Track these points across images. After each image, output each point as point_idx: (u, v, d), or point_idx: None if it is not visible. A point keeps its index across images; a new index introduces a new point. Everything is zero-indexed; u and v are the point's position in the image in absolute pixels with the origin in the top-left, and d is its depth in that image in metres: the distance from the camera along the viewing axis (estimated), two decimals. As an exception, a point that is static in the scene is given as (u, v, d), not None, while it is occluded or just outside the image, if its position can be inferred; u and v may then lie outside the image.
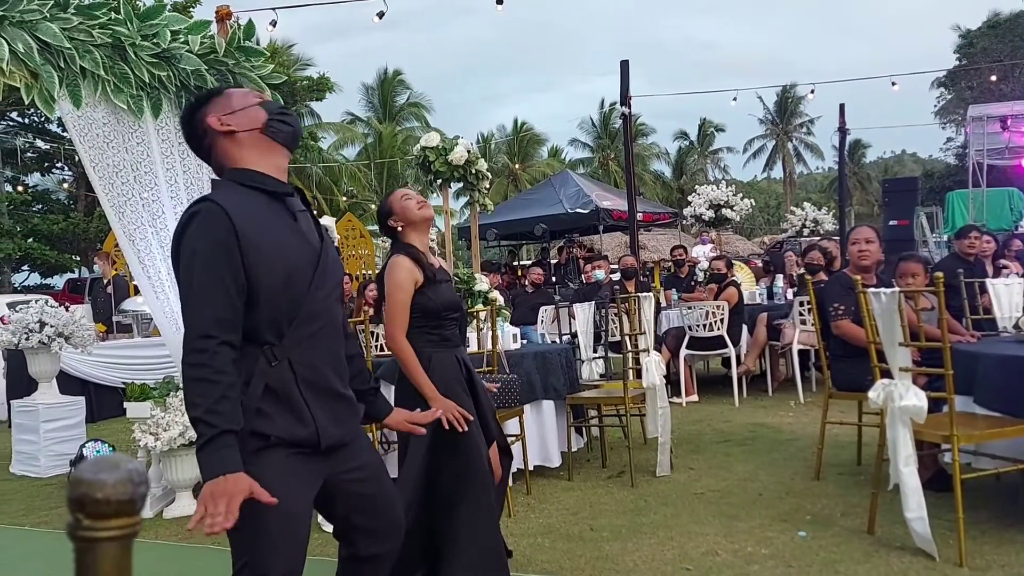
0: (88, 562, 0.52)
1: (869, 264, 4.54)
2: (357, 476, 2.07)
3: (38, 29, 4.24)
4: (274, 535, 1.88)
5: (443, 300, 3.02)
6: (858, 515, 3.82)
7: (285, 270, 1.90)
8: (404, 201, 3.09)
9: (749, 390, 7.65)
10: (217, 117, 1.99)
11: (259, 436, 1.88)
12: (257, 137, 2.00)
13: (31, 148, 24.68)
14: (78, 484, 0.54)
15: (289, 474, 1.91)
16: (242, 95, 2.05)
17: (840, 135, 18.39)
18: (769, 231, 38.16)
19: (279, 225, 1.94)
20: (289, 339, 1.92)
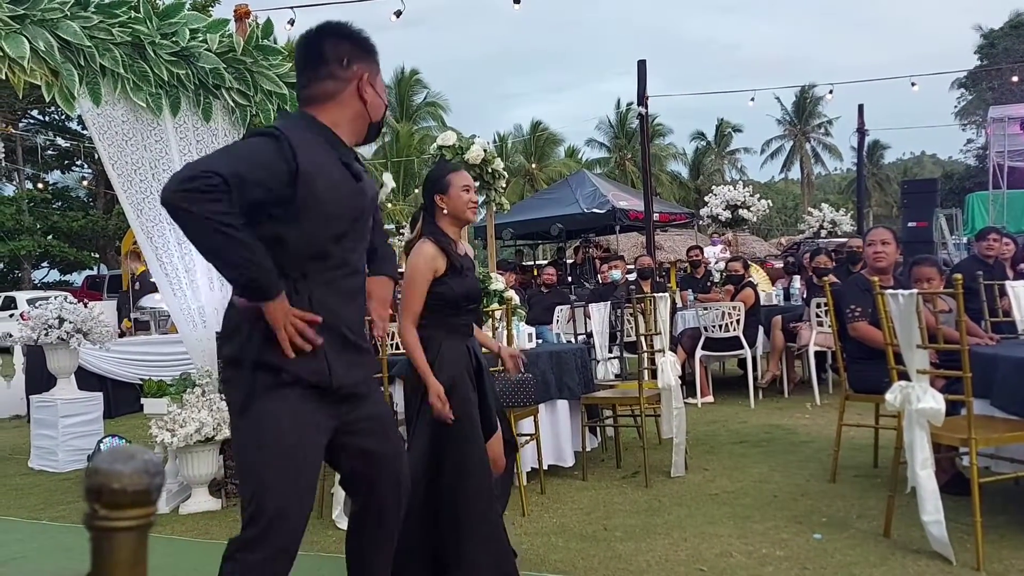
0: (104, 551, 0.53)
1: (885, 265, 4.50)
2: (366, 427, 2.12)
3: (59, 27, 4.28)
4: (283, 470, 1.92)
5: (464, 290, 3.01)
6: (874, 518, 3.80)
7: (327, 212, 1.98)
8: (463, 192, 3.04)
9: (765, 392, 7.61)
10: (367, 78, 2.11)
11: (271, 369, 1.93)
12: (364, 119, 2.13)
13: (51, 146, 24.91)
14: (94, 474, 0.55)
15: (299, 416, 1.96)
16: (382, 84, 2.17)
17: (859, 136, 18.28)
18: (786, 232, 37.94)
19: (336, 173, 2.03)
20: (313, 278, 1.99)
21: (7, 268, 27.32)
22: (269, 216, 1.93)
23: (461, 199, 3.04)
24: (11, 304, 18.87)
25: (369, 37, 2.18)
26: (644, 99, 13.16)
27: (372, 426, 2.14)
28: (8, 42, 4.07)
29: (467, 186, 3.07)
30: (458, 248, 3.06)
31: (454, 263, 2.98)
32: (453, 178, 3.06)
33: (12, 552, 4.09)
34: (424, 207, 3.13)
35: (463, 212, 3.05)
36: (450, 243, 3.02)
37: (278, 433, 1.92)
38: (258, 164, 1.88)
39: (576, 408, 5.18)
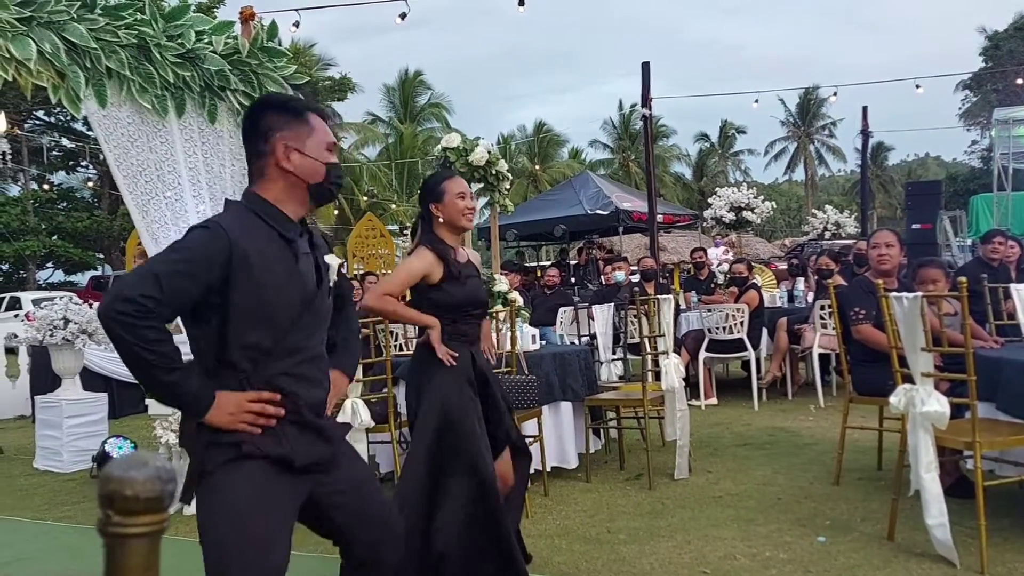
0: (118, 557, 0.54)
1: (889, 268, 4.50)
2: (341, 490, 2.08)
3: (65, 29, 4.29)
4: (250, 551, 1.86)
5: (464, 296, 3.01)
6: (878, 521, 3.79)
7: (271, 305, 1.94)
8: (458, 200, 3.03)
9: (769, 394, 7.60)
10: (285, 147, 2.02)
11: (232, 445, 1.89)
12: (302, 188, 2.05)
13: (56, 147, 24.97)
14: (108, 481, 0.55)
15: (259, 487, 1.90)
16: (317, 144, 2.05)
17: (863, 138, 18.25)
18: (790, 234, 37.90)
19: (278, 262, 1.97)
20: (262, 370, 1.94)
21: (12, 269, 27.38)
22: (214, 308, 1.90)
23: (456, 206, 3.03)
24: (16, 304, 18.90)
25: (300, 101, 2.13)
26: (648, 101, 13.18)
27: (347, 489, 2.09)
28: (15, 44, 4.09)
29: (462, 193, 3.06)
30: (458, 255, 3.06)
31: (451, 271, 2.98)
32: (448, 185, 3.05)
33: (17, 553, 4.10)
34: (421, 216, 3.13)
35: (459, 219, 3.04)
36: (448, 250, 3.01)
37: (238, 509, 1.86)
38: (194, 261, 1.87)
39: (579, 410, 5.18)
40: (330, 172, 2.07)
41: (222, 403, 1.89)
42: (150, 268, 1.88)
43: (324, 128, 2.09)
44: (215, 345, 1.92)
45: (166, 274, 1.84)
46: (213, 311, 1.91)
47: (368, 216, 16.18)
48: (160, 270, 1.86)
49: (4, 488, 5.65)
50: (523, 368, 4.81)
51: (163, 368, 1.83)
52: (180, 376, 1.86)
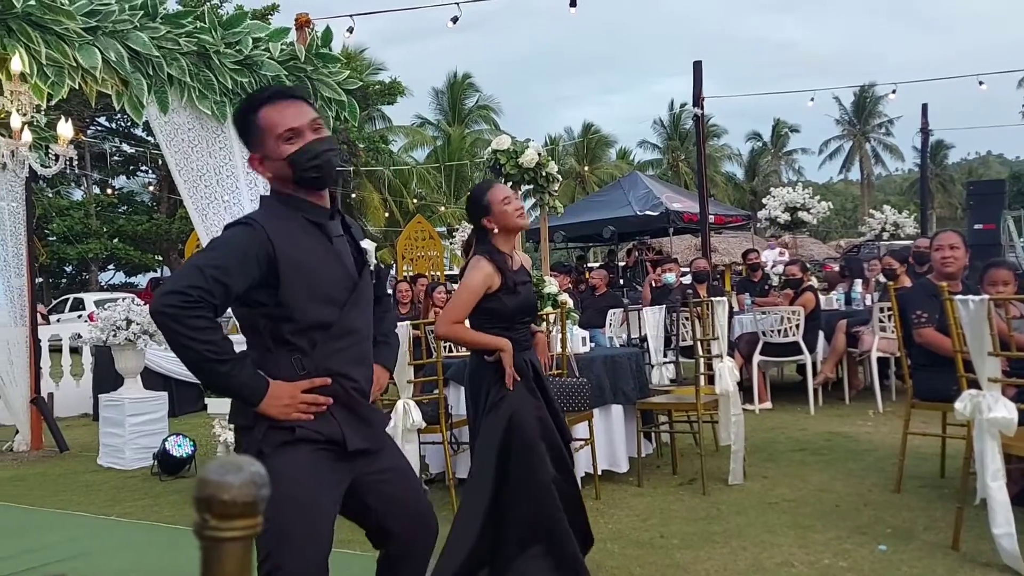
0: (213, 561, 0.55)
1: (954, 270, 4.38)
2: (383, 478, 2.13)
3: (129, 38, 4.42)
4: (293, 528, 1.92)
5: (516, 305, 3.03)
6: (941, 530, 3.69)
7: (319, 288, 2.00)
8: (504, 206, 3.05)
9: (826, 398, 7.46)
10: (259, 160, 2.08)
11: (285, 429, 1.96)
12: (287, 179, 2.07)
13: (118, 152, 25.66)
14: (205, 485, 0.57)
15: (313, 470, 1.97)
16: (273, 141, 2.04)
17: (923, 136, 17.79)
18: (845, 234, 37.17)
19: (315, 246, 2.04)
20: (320, 351, 2.01)
21: (75, 270, 28.24)
22: (262, 302, 1.97)
23: (506, 213, 3.05)
24: (80, 305, 19.47)
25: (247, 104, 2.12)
26: (700, 100, 13.03)
27: (389, 477, 2.15)
28: (82, 53, 4.22)
29: (507, 198, 3.08)
30: (513, 263, 3.08)
31: (507, 281, 3.00)
32: (492, 196, 3.08)
33: (83, 547, 4.22)
34: (475, 231, 3.16)
35: (512, 222, 3.07)
36: (505, 259, 3.04)
37: (294, 491, 1.91)
38: (234, 255, 1.94)
39: (631, 413, 5.15)
40: (295, 163, 2.02)
41: (276, 392, 1.95)
42: (193, 262, 1.97)
43: (277, 116, 2.04)
44: (270, 328, 1.99)
45: (208, 266, 1.91)
46: (264, 297, 1.97)
47: (417, 218, 16.32)
48: (203, 263, 1.94)
49: (69, 484, 5.82)
50: (574, 371, 4.80)
51: (214, 358, 1.89)
52: (232, 366, 1.91)
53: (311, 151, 2.03)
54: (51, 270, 27.06)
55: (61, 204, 25.73)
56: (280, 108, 2.05)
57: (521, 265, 3.16)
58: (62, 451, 7.00)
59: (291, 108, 2.05)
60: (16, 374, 7.03)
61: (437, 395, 4.58)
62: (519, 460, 2.90)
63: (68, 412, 8.91)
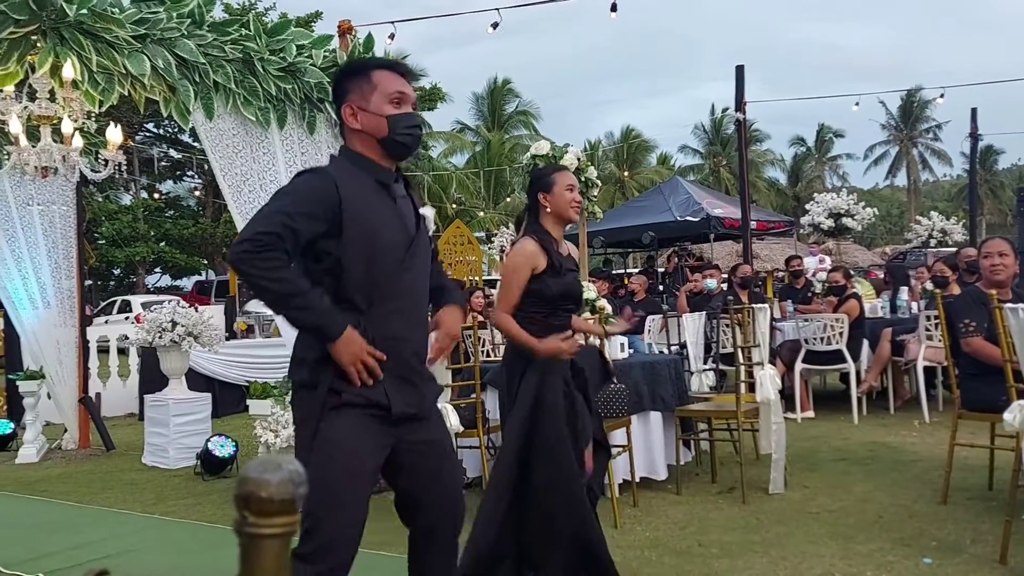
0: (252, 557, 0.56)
1: (1004, 279, 4.27)
2: (423, 449, 2.18)
3: (176, 46, 4.51)
4: (337, 488, 2.01)
5: (561, 289, 3.01)
6: (989, 543, 3.60)
7: (379, 244, 2.08)
8: (567, 192, 3.07)
9: (870, 407, 7.33)
10: (351, 107, 2.15)
11: (335, 393, 2.03)
12: (371, 140, 2.16)
13: (165, 157, 26.21)
14: (244, 483, 0.58)
15: (359, 433, 2.05)
16: (380, 96, 2.15)
17: (972, 141, 17.40)
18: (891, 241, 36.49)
19: (380, 204, 2.12)
20: (375, 311, 2.07)
21: (123, 273, 28.87)
22: (327, 252, 2.05)
23: (564, 198, 3.06)
24: (127, 307, 19.88)
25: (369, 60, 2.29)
26: (742, 105, 12.90)
27: (429, 449, 2.20)
28: (131, 60, 4.32)
29: (571, 185, 3.09)
30: (560, 248, 3.07)
31: (553, 262, 2.99)
32: (558, 177, 3.09)
33: (127, 544, 4.30)
34: (528, 207, 3.16)
35: (566, 211, 3.07)
36: (552, 242, 3.03)
37: (340, 454, 2.01)
38: (307, 200, 2.04)
39: (670, 420, 5.11)
40: (393, 124, 2.14)
41: (351, 336, 2.02)
42: (262, 211, 2.07)
43: (390, 80, 2.17)
44: (332, 284, 2.06)
45: (276, 212, 2.02)
46: (328, 250, 2.04)
47: (456, 223, 16.39)
48: (271, 210, 2.04)
49: (115, 482, 5.95)
50: (612, 377, 4.78)
51: (289, 292, 1.99)
52: (308, 299, 2.00)
53: (411, 119, 2.18)
54: (100, 273, 27.70)
55: (110, 208, 26.34)
56: (394, 75, 2.19)
57: (569, 254, 3.14)
58: (108, 450, 7.16)
59: (403, 80, 2.20)
60: (65, 374, 7.20)
61: (474, 399, 4.59)
62: (544, 451, 2.89)
63: (114, 412, 9.10)
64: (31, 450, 6.91)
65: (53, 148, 4.90)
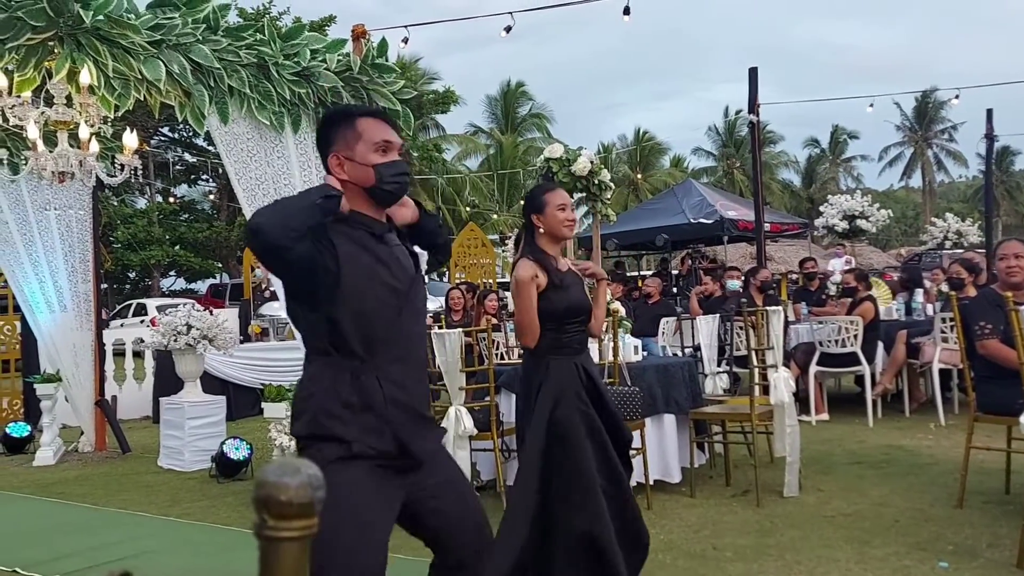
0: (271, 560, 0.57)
1: (1020, 280, 4.24)
2: (436, 493, 2.15)
3: (191, 51, 4.55)
4: (353, 545, 1.94)
5: (566, 304, 3.02)
6: (1006, 547, 3.57)
7: (376, 296, 2.05)
8: (558, 211, 3.09)
9: (885, 410, 7.28)
10: (337, 158, 2.13)
11: (340, 442, 1.98)
12: (357, 191, 2.13)
13: (180, 161, 26.38)
14: (263, 486, 0.59)
15: (368, 487, 1.99)
16: (365, 147, 2.12)
17: (987, 142, 17.27)
18: (906, 243, 36.26)
19: (372, 252, 2.09)
20: (380, 357, 2.04)
21: (139, 276, 29.06)
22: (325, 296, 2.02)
23: (556, 218, 3.09)
24: (142, 311, 20.00)
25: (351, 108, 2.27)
26: (755, 107, 12.86)
27: (443, 490, 2.17)
28: (147, 66, 4.36)
29: (563, 205, 3.12)
30: (559, 264, 3.09)
31: (553, 279, 3.01)
32: (549, 198, 3.11)
33: (143, 546, 4.33)
34: (524, 226, 3.19)
35: (559, 230, 3.11)
36: (549, 260, 3.05)
37: (349, 508, 1.95)
38: None
39: (684, 423, 5.10)
40: (380, 173, 2.11)
41: None
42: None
43: (375, 128, 2.15)
44: (329, 332, 2.03)
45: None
46: (323, 299, 2.02)
47: (470, 226, 16.41)
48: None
49: (131, 484, 5.99)
50: (625, 379, 4.77)
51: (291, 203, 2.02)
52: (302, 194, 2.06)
53: (398, 168, 2.15)
54: (115, 276, 27.88)
55: (125, 212, 26.53)
56: (379, 123, 2.17)
57: (569, 268, 3.16)
58: (124, 452, 7.21)
59: (388, 128, 2.18)
60: (82, 377, 7.26)
61: (488, 402, 4.60)
62: (564, 460, 2.90)
63: (130, 415, 9.17)
64: (48, 453, 6.97)
65: (70, 153, 4.94)
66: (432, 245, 2.37)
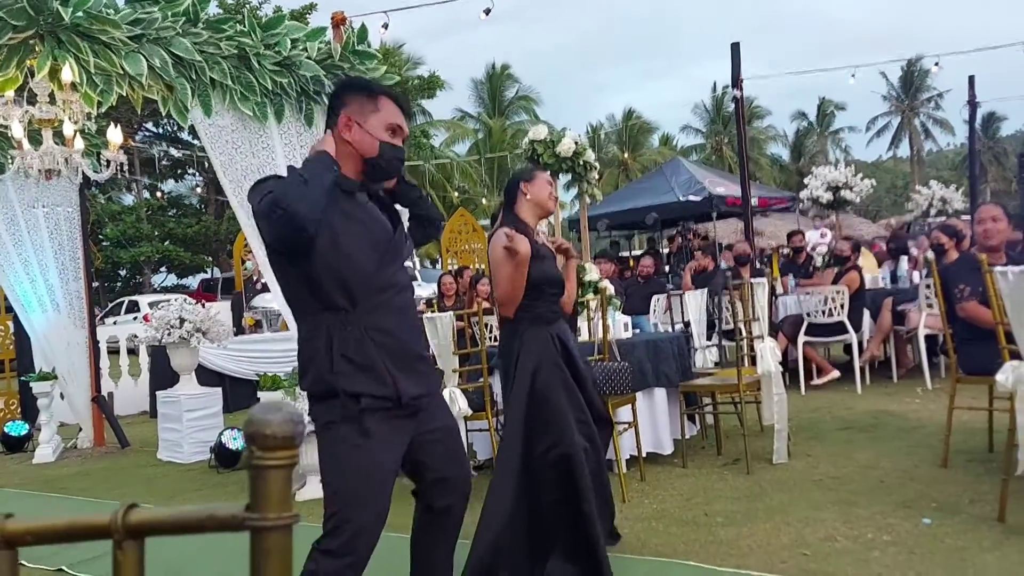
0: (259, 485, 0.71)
1: (996, 243, 4.32)
2: (439, 436, 2.32)
3: (172, 44, 4.57)
4: (364, 490, 2.13)
5: (542, 275, 3.10)
6: (988, 503, 3.67)
7: (352, 246, 2.15)
8: (547, 186, 3.23)
9: (873, 377, 7.40)
10: (348, 118, 2.22)
11: (351, 396, 2.11)
12: (357, 159, 2.24)
13: (165, 156, 26.29)
14: (251, 423, 0.71)
15: (383, 436, 2.15)
16: (379, 120, 2.23)
17: (970, 108, 17.33)
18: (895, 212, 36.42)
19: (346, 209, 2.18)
20: (362, 307, 2.15)
21: (129, 274, 29.04)
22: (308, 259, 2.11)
23: (544, 192, 3.22)
24: (135, 308, 20.02)
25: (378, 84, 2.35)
26: (739, 82, 12.90)
27: (444, 434, 2.34)
28: (128, 61, 4.38)
29: (550, 182, 3.28)
30: (536, 237, 3.17)
31: (533, 249, 3.07)
32: (539, 173, 3.27)
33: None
34: (504, 203, 3.27)
35: (546, 203, 3.22)
36: (527, 229, 3.13)
37: (360, 456, 2.12)
38: None
39: (674, 396, 5.18)
40: (384, 150, 2.22)
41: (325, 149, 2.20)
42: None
43: (393, 111, 2.26)
44: (313, 288, 2.13)
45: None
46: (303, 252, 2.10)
47: (460, 211, 16.44)
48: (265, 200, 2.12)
49: (132, 478, 6.06)
50: (615, 355, 4.85)
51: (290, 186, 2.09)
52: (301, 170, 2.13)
53: (399, 152, 2.28)
54: (106, 274, 27.85)
55: (113, 209, 26.48)
56: (399, 109, 2.28)
57: (544, 243, 3.24)
58: (123, 447, 7.27)
59: (403, 116, 2.29)
60: (77, 374, 7.31)
61: (482, 383, 4.67)
62: (546, 422, 2.99)
63: (128, 410, 9.24)
64: (47, 450, 7.03)
65: (55, 151, 4.97)
66: (415, 215, 2.46)
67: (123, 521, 0.77)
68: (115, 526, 0.78)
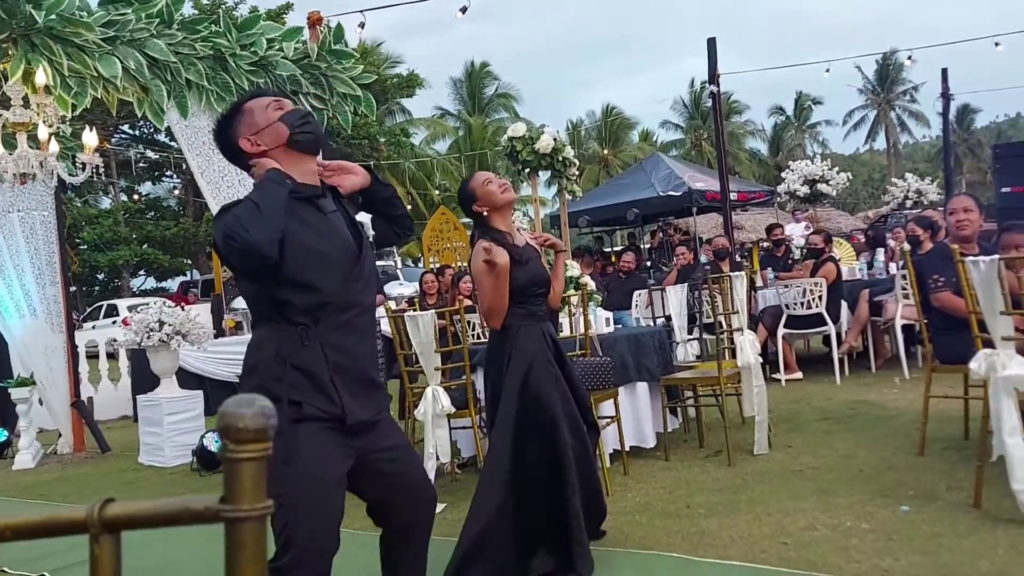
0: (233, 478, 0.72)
1: (969, 234, 4.38)
2: (386, 456, 2.25)
3: (147, 46, 4.55)
4: (305, 501, 2.05)
5: (528, 277, 3.12)
6: (964, 489, 3.73)
7: (317, 263, 2.10)
8: (487, 186, 3.19)
9: (851, 368, 7.47)
10: (247, 139, 2.19)
11: (294, 404, 2.07)
12: (284, 150, 2.19)
13: (142, 158, 26.08)
14: (224, 416, 0.73)
15: (321, 446, 2.08)
16: (263, 110, 2.20)
17: (943, 101, 17.55)
18: (873, 205, 36.74)
19: (313, 222, 2.14)
20: (324, 324, 2.11)
21: (107, 277, 28.78)
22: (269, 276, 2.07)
23: (490, 192, 3.18)
24: (113, 311, 19.86)
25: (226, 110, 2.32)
26: (716, 77, 12.98)
27: (390, 455, 2.26)
28: (102, 63, 4.36)
29: (487, 180, 3.23)
30: (515, 240, 3.18)
31: (513, 256, 3.09)
32: (473, 183, 3.24)
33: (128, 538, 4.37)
34: (473, 223, 3.28)
35: (499, 199, 3.18)
36: (503, 236, 3.13)
37: (305, 466, 2.05)
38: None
39: (656, 390, 5.22)
40: (286, 121, 2.19)
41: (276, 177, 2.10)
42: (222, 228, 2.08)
43: (260, 100, 2.23)
44: (275, 302, 2.09)
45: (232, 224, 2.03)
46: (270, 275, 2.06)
47: (441, 210, 16.44)
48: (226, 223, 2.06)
49: (113, 482, 6.01)
50: (597, 350, 4.87)
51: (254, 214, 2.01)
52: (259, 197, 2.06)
53: (299, 111, 2.26)
54: (84, 278, 27.60)
55: (90, 213, 26.22)
56: (262, 98, 2.25)
57: (526, 242, 3.25)
58: (104, 452, 7.22)
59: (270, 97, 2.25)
60: (56, 379, 7.24)
61: (465, 380, 4.68)
62: (537, 422, 3.01)
63: (108, 415, 9.16)
64: (27, 456, 6.97)
65: (30, 154, 4.93)
66: (388, 215, 2.41)
67: (99, 515, 0.77)
68: (91, 520, 0.78)
